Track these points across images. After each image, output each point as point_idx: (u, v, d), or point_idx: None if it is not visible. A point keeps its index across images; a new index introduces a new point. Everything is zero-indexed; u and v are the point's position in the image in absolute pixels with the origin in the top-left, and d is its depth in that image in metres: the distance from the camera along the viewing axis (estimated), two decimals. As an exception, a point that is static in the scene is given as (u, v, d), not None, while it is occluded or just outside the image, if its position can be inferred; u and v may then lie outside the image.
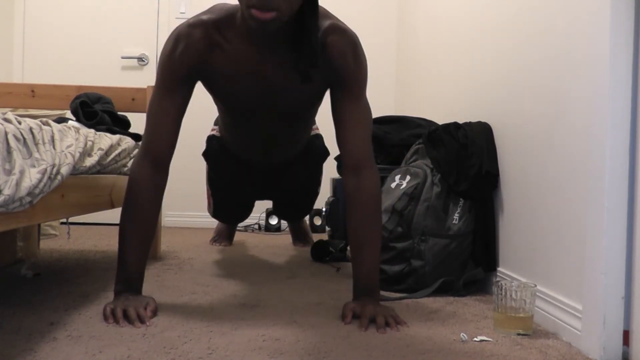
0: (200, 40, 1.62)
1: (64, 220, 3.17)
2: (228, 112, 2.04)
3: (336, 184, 3.04)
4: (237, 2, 1.56)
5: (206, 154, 2.50)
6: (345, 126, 1.67)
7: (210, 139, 2.46)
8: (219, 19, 1.64)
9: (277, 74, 1.67)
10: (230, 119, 2.10)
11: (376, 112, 3.06)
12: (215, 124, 2.55)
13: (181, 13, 4.13)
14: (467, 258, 2.06)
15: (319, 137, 2.50)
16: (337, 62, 1.63)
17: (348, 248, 2.63)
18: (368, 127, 1.71)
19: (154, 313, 1.57)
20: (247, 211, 2.78)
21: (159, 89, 1.67)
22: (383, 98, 4.10)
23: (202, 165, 2.70)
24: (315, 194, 2.76)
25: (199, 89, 1.79)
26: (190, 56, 1.63)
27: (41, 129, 1.44)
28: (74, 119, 2.35)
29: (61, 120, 2.28)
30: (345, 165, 1.70)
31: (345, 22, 1.68)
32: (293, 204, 2.79)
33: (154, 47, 4.15)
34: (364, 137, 1.68)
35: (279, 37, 1.61)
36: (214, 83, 1.74)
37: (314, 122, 2.32)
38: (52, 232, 3.24)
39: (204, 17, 1.65)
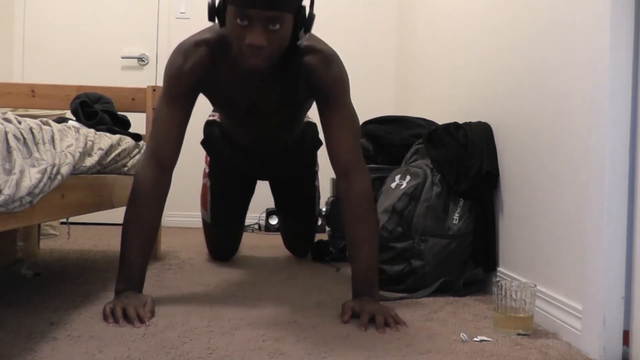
0: (206, 57, 1.75)
1: (64, 220, 3.17)
2: (226, 115, 2.20)
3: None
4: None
5: (207, 140, 2.50)
6: (331, 134, 1.76)
7: (211, 124, 2.49)
8: (220, 38, 1.74)
9: (269, 91, 1.83)
10: (228, 118, 2.24)
11: (376, 112, 3.07)
12: (214, 110, 2.55)
13: (181, 13, 4.13)
14: (467, 258, 2.06)
15: (312, 125, 2.55)
16: (314, 79, 1.75)
17: (348, 248, 2.63)
18: (354, 132, 1.79)
19: (153, 313, 1.57)
20: (241, 226, 2.74)
21: (166, 99, 1.76)
22: (383, 98, 4.10)
23: (202, 165, 2.69)
24: (313, 188, 2.72)
25: (200, 96, 1.87)
26: (198, 72, 1.75)
27: (41, 128, 1.44)
28: (74, 119, 2.35)
29: (61, 120, 2.28)
30: (335, 170, 1.78)
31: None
32: (297, 208, 2.75)
33: (154, 47, 4.15)
34: (350, 141, 1.76)
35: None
36: (215, 95, 1.90)
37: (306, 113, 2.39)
38: (52, 232, 3.24)
39: (208, 35, 1.76)
